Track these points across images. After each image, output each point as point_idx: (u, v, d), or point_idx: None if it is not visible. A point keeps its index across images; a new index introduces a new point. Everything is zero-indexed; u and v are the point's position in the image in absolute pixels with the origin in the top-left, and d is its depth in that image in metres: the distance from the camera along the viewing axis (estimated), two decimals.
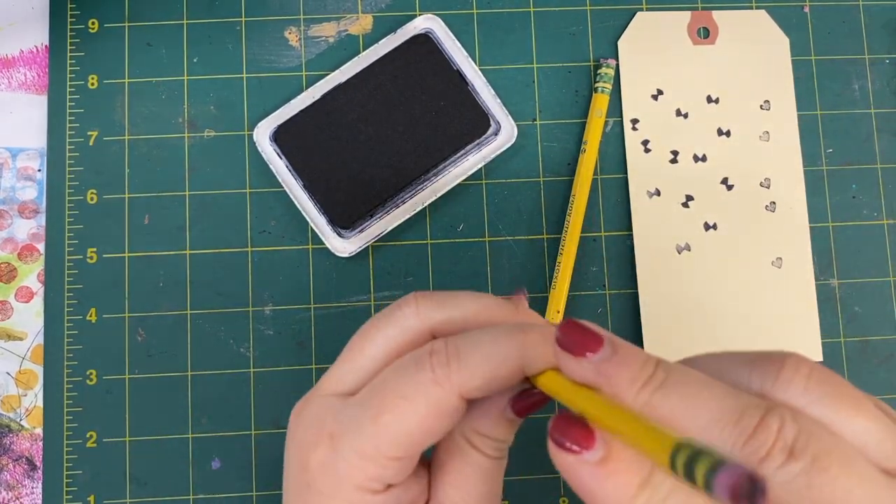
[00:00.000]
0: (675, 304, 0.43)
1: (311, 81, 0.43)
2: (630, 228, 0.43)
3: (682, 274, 0.43)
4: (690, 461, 0.18)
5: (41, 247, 0.42)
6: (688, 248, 0.43)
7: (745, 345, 0.42)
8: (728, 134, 0.44)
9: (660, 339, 0.42)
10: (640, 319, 0.42)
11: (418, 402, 0.24)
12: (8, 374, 0.41)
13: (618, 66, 0.44)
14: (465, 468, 0.26)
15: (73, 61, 0.43)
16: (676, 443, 0.19)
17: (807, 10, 0.45)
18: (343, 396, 0.27)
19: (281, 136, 0.41)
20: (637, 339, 0.42)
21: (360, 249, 0.41)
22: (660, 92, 0.44)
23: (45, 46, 0.43)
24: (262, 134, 0.42)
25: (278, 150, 0.41)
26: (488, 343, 0.25)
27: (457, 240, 0.43)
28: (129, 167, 0.42)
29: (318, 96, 0.42)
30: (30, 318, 0.42)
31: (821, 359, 0.42)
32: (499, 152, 0.42)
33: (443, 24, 0.43)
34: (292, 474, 0.27)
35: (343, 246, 0.41)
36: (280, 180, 0.41)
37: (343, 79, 0.42)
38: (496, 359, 0.25)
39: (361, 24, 0.44)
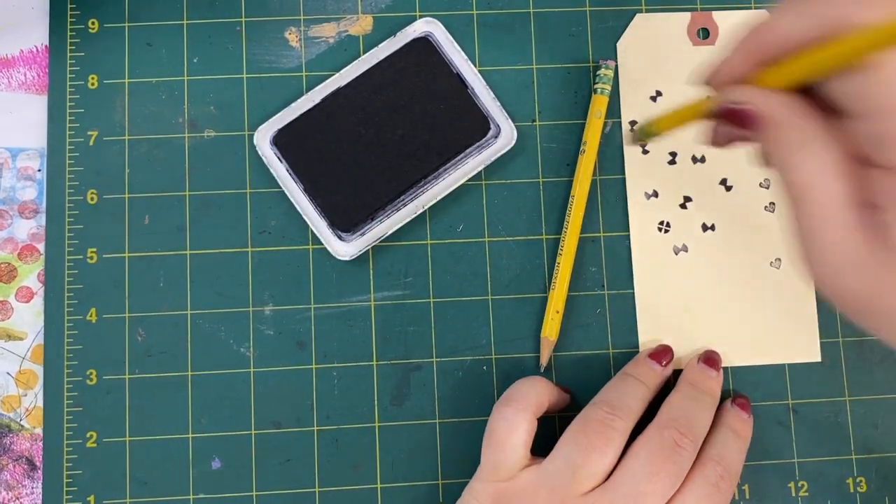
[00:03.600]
0: (673, 304, 0.43)
1: (312, 82, 0.43)
2: (629, 229, 0.43)
3: (680, 275, 0.43)
4: None
5: (41, 247, 0.42)
6: (685, 248, 0.43)
7: (743, 346, 0.42)
8: None
9: (657, 340, 0.42)
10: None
11: None
12: (8, 374, 0.41)
13: (617, 67, 0.44)
14: None
15: (73, 61, 0.43)
16: None
17: None
18: None
19: (281, 140, 0.41)
20: (633, 339, 0.42)
21: (360, 252, 0.41)
22: (659, 93, 0.44)
23: (45, 46, 0.43)
24: (263, 137, 0.42)
25: (279, 154, 0.41)
26: None
27: (456, 240, 0.43)
28: (129, 167, 0.42)
29: (317, 100, 0.42)
30: (30, 318, 0.42)
31: (819, 359, 0.43)
32: (498, 155, 0.42)
33: (442, 27, 0.43)
34: None
35: (344, 249, 0.41)
36: (280, 184, 0.41)
37: (343, 83, 0.42)
38: None
39: (361, 24, 0.44)
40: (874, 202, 0.25)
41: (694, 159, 0.43)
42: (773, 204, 0.43)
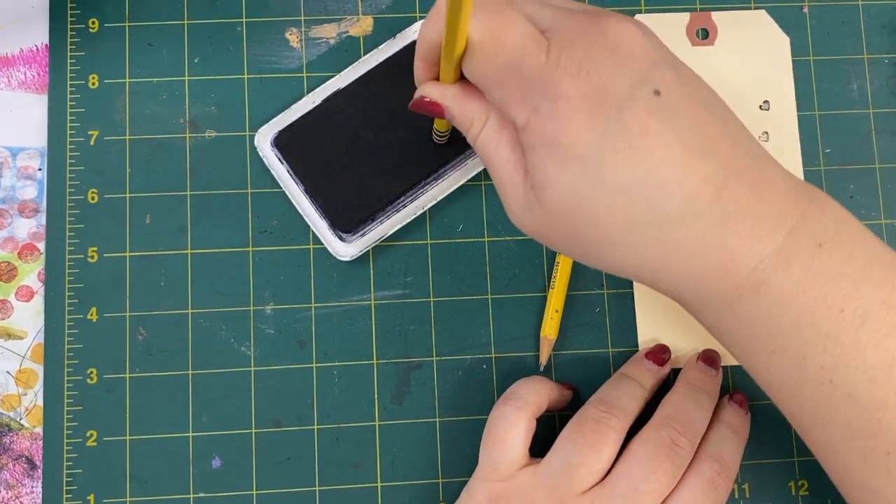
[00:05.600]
0: (672, 303, 0.42)
1: (312, 83, 0.43)
2: None
3: None
4: None
5: (41, 246, 0.42)
6: None
7: None
8: None
9: (656, 339, 0.42)
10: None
11: None
12: (8, 373, 0.41)
13: None
14: None
15: (74, 61, 0.43)
16: None
17: (806, 10, 0.46)
18: None
19: (282, 142, 0.41)
20: (633, 337, 0.43)
21: (361, 253, 0.41)
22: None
23: (46, 45, 0.43)
24: (264, 139, 0.42)
25: (279, 156, 0.41)
26: None
27: (456, 240, 0.43)
28: (130, 167, 0.43)
29: (318, 101, 0.42)
30: (30, 317, 0.42)
31: None
32: None
33: None
34: None
35: (344, 250, 0.41)
36: (281, 185, 0.41)
37: (343, 84, 0.42)
38: None
39: (362, 25, 0.44)
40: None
41: None
42: None
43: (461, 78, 0.33)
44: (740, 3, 0.45)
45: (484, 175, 0.43)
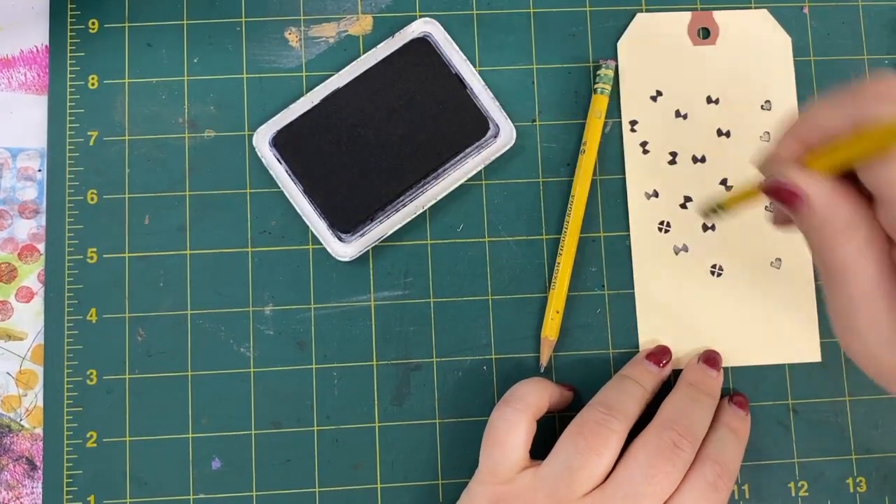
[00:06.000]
0: (673, 304, 0.43)
1: (312, 82, 0.43)
2: (629, 229, 0.43)
3: (680, 275, 0.43)
4: None
5: (41, 247, 0.42)
6: (685, 248, 0.43)
7: (743, 346, 0.42)
8: (728, 135, 0.44)
9: (657, 340, 0.42)
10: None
11: None
12: (8, 374, 0.41)
13: (617, 67, 0.44)
14: None
15: (74, 61, 0.43)
16: None
17: (806, 10, 0.45)
18: None
19: (280, 142, 0.41)
20: (633, 339, 0.42)
21: (360, 253, 0.41)
22: (659, 93, 0.44)
23: (46, 46, 0.43)
24: (262, 139, 0.42)
25: (278, 156, 0.41)
26: None
27: (456, 240, 0.43)
28: (129, 167, 0.42)
29: (316, 101, 0.42)
30: (30, 318, 0.42)
31: (819, 359, 0.43)
32: (498, 155, 0.42)
33: (441, 27, 0.43)
34: None
35: (344, 250, 0.41)
36: (280, 185, 0.41)
37: (341, 83, 0.42)
38: None
39: (361, 24, 0.44)
40: None
41: (694, 159, 0.43)
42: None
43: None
44: (741, 3, 0.45)
45: (484, 174, 0.43)
